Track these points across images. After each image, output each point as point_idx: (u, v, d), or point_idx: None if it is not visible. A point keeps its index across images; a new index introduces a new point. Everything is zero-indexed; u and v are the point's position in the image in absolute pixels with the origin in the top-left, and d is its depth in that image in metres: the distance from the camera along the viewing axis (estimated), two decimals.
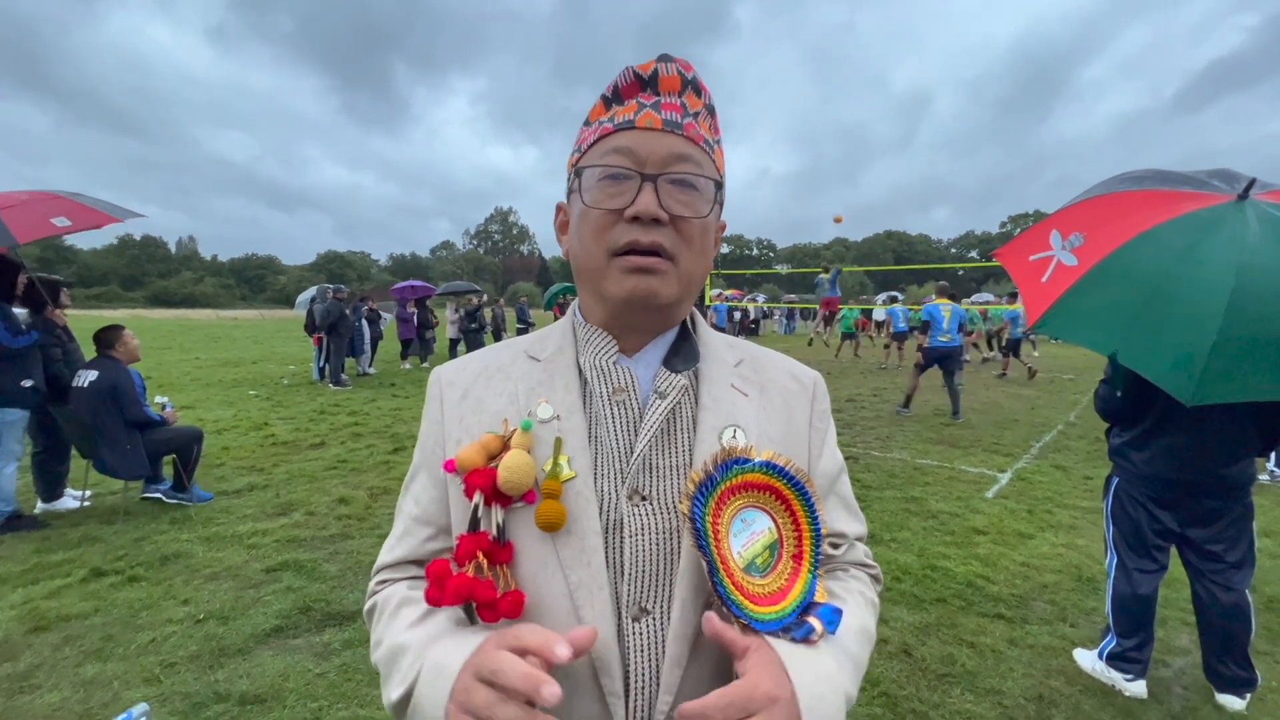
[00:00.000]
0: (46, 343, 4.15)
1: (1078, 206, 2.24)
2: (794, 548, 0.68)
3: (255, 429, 6.94)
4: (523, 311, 18.04)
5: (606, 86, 0.70)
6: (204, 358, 14.92)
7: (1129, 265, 1.99)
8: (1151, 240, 1.99)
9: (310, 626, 2.85)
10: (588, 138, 0.70)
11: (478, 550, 0.62)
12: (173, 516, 4.18)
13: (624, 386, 0.70)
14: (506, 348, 0.78)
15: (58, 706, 2.29)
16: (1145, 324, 1.90)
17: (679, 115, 0.68)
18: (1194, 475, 2.27)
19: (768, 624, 0.62)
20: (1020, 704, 2.39)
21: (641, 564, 0.64)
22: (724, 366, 0.76)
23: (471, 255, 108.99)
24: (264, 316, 49.21)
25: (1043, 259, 2.16)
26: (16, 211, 3.76)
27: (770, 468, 0.67)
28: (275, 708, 2.30)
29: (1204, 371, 1.75)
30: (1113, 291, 1.99)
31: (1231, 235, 1.87)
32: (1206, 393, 1.75)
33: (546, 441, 0.67)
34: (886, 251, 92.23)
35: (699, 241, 0.69)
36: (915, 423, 7.81)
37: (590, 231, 0.67)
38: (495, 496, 0.64)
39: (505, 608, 0.61)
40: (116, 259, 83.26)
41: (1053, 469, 5.67)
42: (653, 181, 0.65)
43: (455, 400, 0.74)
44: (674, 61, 0.69)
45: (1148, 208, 2.09)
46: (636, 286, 0.66)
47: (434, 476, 0.72)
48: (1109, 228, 2.09)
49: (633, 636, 0.63)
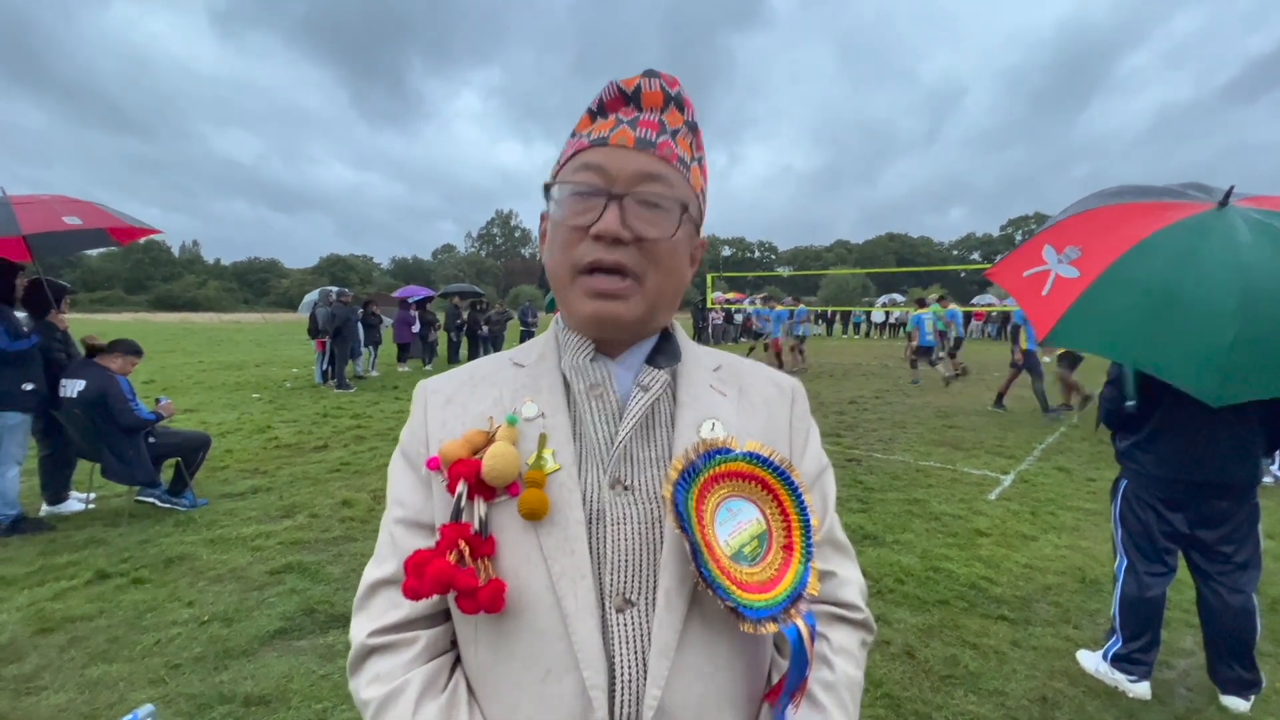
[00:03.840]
0: (50, 346, 4.14)
1: (1065, 222, 2.27)
2: (783, 538, 0.68)
3: (258, 432, 6.96)
4: (525, 315, 17.97)
5: (593, 100, 0.71)
6: (207, 361, 14.96)
7: (1134, 273, 2.00)
8: (1151, 248, 2.02)
9: (314, 628, 2.86)
10: (568, 151, 0.71)
11: (459, 539, 0.62)
12: (177, 519, 4.20)
13: (599, 381, 0.71)
14: (493, 359, 0.80)
15: (63, 708, 2.30)
16: (1161, 329, 1.91)
17: (654, 133, 0.68)
18: (1203, 476, 2.27)
19: (757, 611, 0.62)
20: (1023, 705, 2.39)
21: (624, 553, 0.64)
22: (703, 369, 0.77)
23: (473, 258, 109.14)
24: (266, 320, 49.32)
25: (1038, 273, 2.17)
26: (30, 207, 3.82)
27: (754, 458, 0.68)
28: (280, 709, 2.31)
29: (1227, 371, 1.77)
30: (1123, 300, 1.99)
31: (1225, 239, 1.92)
32: (1231, 393, 1.78)
33: (531, 438, 0.67)
34: (888, 254, 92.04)
35: (667, 261, 0.69)
36: (918, 425, 7.80)
37: (559, 246, 0.68)
38: (479, 488, 0.64)
39: (485, 598, 0.60)
40: (121, 263, 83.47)
41: (1055, 471, 5.66)
42: (619, 200, 0.65)
43: (439, 405, 0.75)
44: (659, 77, 0.69)
45: (1138, 218, 2.13)
46: (599, 310, 0.67)
47: (418, 477, 0.72)
48: (1104, 239, 2.12)
49: (617, 628, 0.62)
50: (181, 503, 4.40)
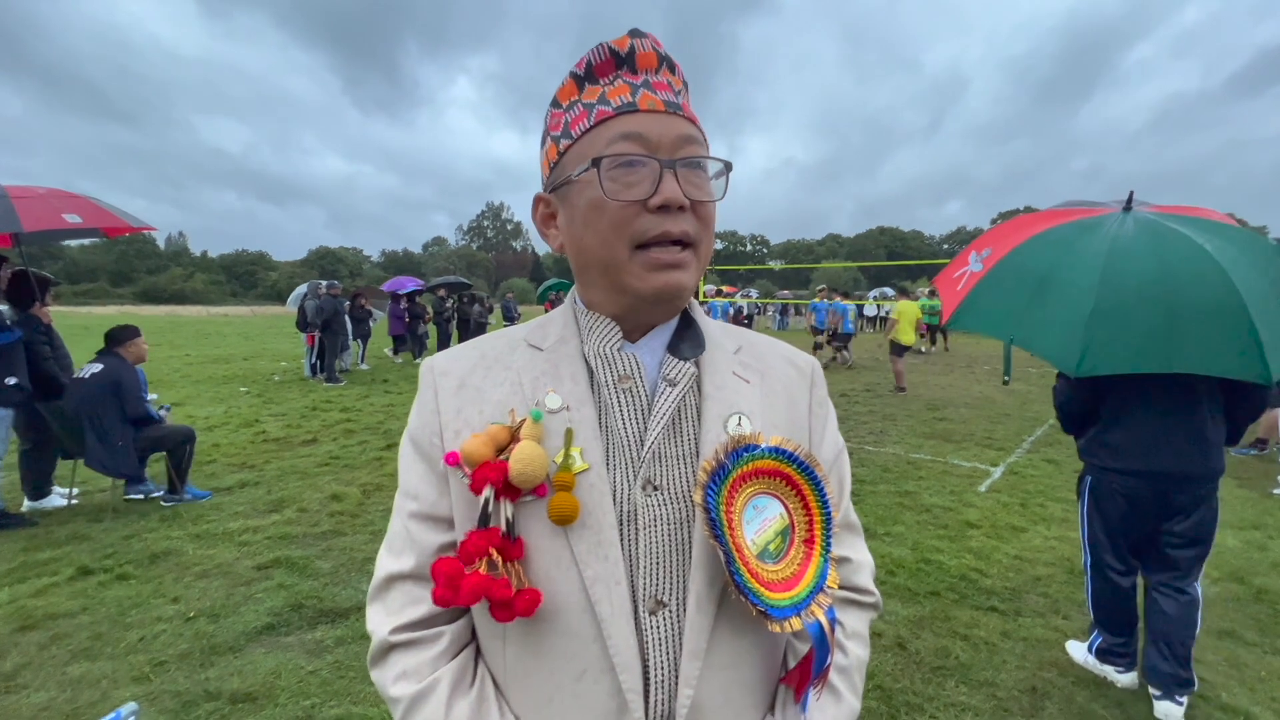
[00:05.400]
0: (35, 340, 4.06)
1: (994, 230, 2.62)
2: (805, 532, 0.68)
3: (246, 426, 6.88)
4: (508, 310, 17.84)
5: (577, 63, 0.67)
6: (194, 354, 14.78)
7: (1021, 262, 2.31)
8: (1040, 241, 2.34)
9: (302, 624, 2.83)
10: (577, 121, 0.66)
11: (489, 547, 0.60)
12: (162, 514, 4.14)
13: (630, 374, 0.68)
14: (502, 336, 0.75)
15: (44, 706, 2.26)
16: (1034, 309, 2.16)
17: (673, 95, 0.66)
18: (1160, 465, 2.24)
19: (783, 610, 0.61)
20: (1014, 696, 2.40)
21: (656, 555, 0.63)
22: (725, 354, 0.74)
23: (464, 251, 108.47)
24: (255, 313, 48.83)
25: (961, 274, 2.52)
26: (30, 202, 3.76)
27: (779, 453, 0.66)
28: (267, 705, 2.28)
29: (1086, 342, 1.98)
30: (1007, 285, 2.29)
31: (1107, 232, 2.17)
32: (1090, 364, 1.97)
33: (556, 433, 0.64)
34: (879, 248, 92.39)
35: (713, 224, 0.68)
36: (908, 417, 7.84)
37: (609, 225, 0.63)
38: (505, 490, 0.61)
39: (521, 606, 0.59)
40: (105, 255, 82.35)
41: (1045, 463, 5.70)
42: (671, 168, 0.62)
43: (451, 389, 0.70)
44: (647, 37, 0.66)
45: (1044, 221, 2.44)
46: (667, 283, 0.64)
47: (433, 469, 0.68)
48: (1010, 239, 2.44)
49: (650, 630, 0.62)
50: (184, 498, 4.38)
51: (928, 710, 2.31)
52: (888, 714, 2.29)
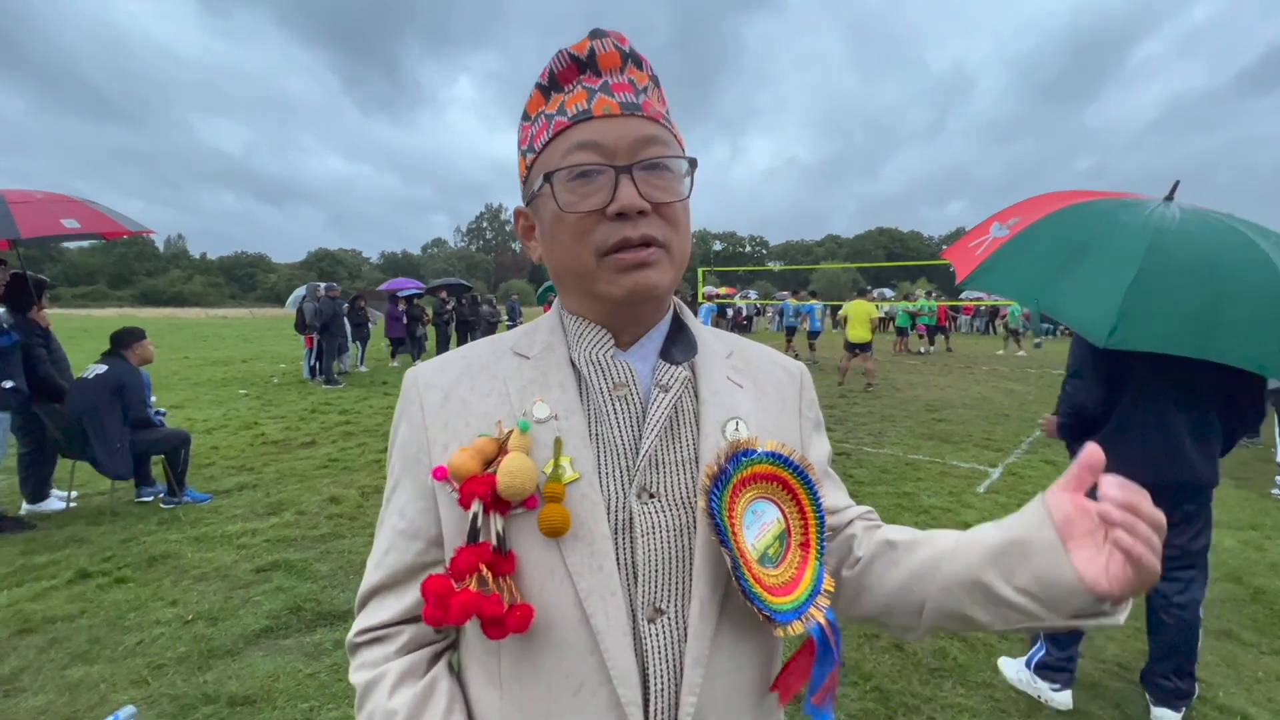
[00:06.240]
0: (32, 344, 4.07)
1: (1018, 204, 2.47)
2: (801, 536, 0.68)
3: (245, 428, 6.88)
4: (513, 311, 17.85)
5: (541, 73, 0.66)
6: (193, 356, 14.78)
7: (1054, 227, 2.16)
8: (1081, 210, 2.19)
9: (301, 627, 2.83)
10: (539, 134, 0.66)
11: (479, 563, 0.59)
12: (161, 517, 4.14)
13: (624, 381, 0.67)
14: (488, 344, 0.74)
15: (43, 710, 2.26)
16: (1066, 275, 2.03)
17: (632, 95, 0.64)
18: (1174, 476, 2.15)
19: (785, 614, 0.62)
20: (1011, 697, 2.41)
21: (655, 563, 0.62)
22: (717, 358, 0.74)
23: (463, 252, 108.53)
24: (254, 315, 48.81)
25: (980, 242, 2.36)
26: (27, 208, 3.77)
27: (775, 458, 0.67)
28: (265, 709, 2.28)
29: (1121, 312, 1.83)
30: (1039, 248, 2.15)
31: (1153, 213, 2.05)
32: (1120, 338, 1.82)
33: (545, 443, 0.63)
34: (878, 248, 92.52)
35: (684, 222, 0.67)
36: (907, 418, 7.85)
37: (571, 236, 0.63)
38: (494, 504, 0.60)
39: (513, 623, 0.58)
40: (104, 257, 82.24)
41: (1043, 464, 5.71)
42: (627, 173, 0.61)
43: (436, 403, 0.68)
44: (608, 36, 0.65)
45: (1081, 196, 2.31)
46: (637, 283, 0.63)
47: (419, 485, 0.67)
48: (1041, 208, 2.28)
49: (649, 638, 0.61)
50: (183, 500, 4.39)
51: (925, 711, 2.32)
52: (885, 715, 2.30)
